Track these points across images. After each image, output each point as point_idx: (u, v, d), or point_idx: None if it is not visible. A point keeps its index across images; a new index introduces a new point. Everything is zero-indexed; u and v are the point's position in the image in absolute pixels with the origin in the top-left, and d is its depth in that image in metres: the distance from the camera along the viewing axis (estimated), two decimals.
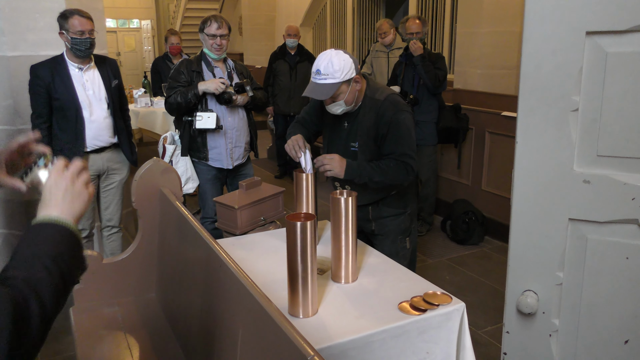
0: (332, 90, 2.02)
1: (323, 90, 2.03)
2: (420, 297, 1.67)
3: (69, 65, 2.85)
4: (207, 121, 3.03)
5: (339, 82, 2.01)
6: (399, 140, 2.12)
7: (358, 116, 2.17)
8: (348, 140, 2.21)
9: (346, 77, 2.01)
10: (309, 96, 2.07)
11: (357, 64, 2.09)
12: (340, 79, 2.00)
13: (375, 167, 2.10)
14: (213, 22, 3.06)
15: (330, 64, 2.00)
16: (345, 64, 2.01)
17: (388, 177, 2.11)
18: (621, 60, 1.46)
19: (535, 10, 1.53)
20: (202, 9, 12.35)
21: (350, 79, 2.04)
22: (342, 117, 2.20)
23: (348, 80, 2.04)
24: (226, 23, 3.11)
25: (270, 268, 1.89)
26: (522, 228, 1.68)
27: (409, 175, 2.14)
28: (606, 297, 1.62)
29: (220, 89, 2.97)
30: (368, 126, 2.14)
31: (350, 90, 2.07)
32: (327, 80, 2.01)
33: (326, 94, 2.03)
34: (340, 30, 8.50)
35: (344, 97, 2.07)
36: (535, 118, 1.59)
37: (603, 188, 1.54)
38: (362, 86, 2.14)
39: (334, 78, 2.00)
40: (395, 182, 2.16)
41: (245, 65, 3.46)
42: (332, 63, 2.00)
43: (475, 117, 4.27)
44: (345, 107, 2.11)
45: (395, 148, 2.12)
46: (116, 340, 1.97)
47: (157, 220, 2.25)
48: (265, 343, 1.20)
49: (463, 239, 4.07)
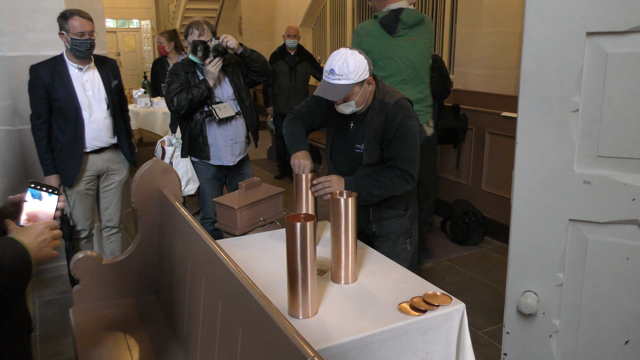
0: (345, 92, 1.98)
1: (336, 90, 1.99)
2: (420, 298, 1.66)
3: (68, 66, 2.85)
4: (225, 110, 3.01)
5: (353, 83, 1.97)
6: (404, 147, 2.10)
7: (366, 118, 2.15)
8: (354, 142, 2.19)
9: (360, 78, 1.98)
10: (321, 96, 2.03)
11: (371, 65, 2.06)
12: (354, 80, 1.97)
13: (374, 180, 2.08)
14: (194, 29, 3.04)
15: (345, 64, 1.95)
16: (360, 65, 1.97)
17: (387, 189, 2.10)
18: (621, 60, 1.46)
19: (536, 10, 1.53)
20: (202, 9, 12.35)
21: (363, 80, 2.01)
22: (349, 117, 2.18)
23: (361, 82, 2.00)
24: (209, 27, 3.07)
25: (270, 269, 1.89)
26: (522, 229, 1.68)
27: (409, 185, 2.13)
28: (606, 297, 1.62)
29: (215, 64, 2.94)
30: (375, 128, 2.13)
31: (362, 91, 2.04)
32: (340, 81, 1.97)
33: (339, 95, 1.99)
34: (340, 30, 8.49)
35: (356, 97, 2.03)
36: (535, 118, 1.59)
37: (603, 189, 1.54)
38: (374, 87, 2.11)
39: (349, 79, 1.96)
40: (395, 193, 2.15)
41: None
42: (347, 64, 1.95)
43: (475, 118, 4.27)
44: (356, 108, 2.09)
45: (399, 153, 2.10)
46: (116, 341, 1.97)
47: (157, 221, 2.25)
48: (265, 344, 1.19)
49: (463, 239, 4.07)
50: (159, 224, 2.25)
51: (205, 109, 3.01)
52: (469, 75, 5.18)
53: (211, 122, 3.07)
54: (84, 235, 3.10)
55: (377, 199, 2.16)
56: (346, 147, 2.22)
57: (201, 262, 1.70)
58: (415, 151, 2.13)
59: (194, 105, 2.97)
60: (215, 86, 3.03)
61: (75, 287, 2.19)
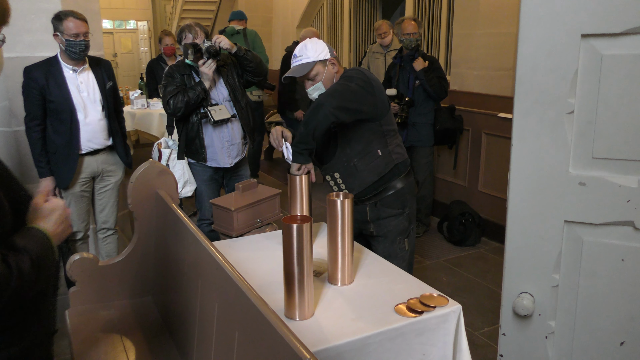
0: (307, 68, 2.17)
1: (299, 69, 2.19)
2: (417, 299, 1.67)
3: (63, 67, 2.84)
4: (221, 112, 3.03)
5: (314, 60, 2.17)
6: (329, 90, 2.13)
7: None
8: None
9: (320, 57, 2.18)
10: (288, 75, 2.20)
11: (333, 51, 2.26)
12: (314, 58, 2.17)
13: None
14: (187, 33, 3.04)
15: (304, 46, 2.20)
16: (318, 46, 2.20)
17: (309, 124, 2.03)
18: (616, 62, 1.47)
19: (531, 12, 1.53)
20: (199, 10, 12.33)
21: (325, 59, 2.20)
22: None
23: (323, 61, 2.19)
24: (201, 29, 3.06)
25: (266, 270, 1.89)
26: (518, 230, 1.68)
27: (319, 115, 2.02)
28: (602, 298, 1.62)
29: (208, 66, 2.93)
30: None
31: (326, 71, 2.21)
32: (302, 61, 2.19)
33: (302, 71, 2.18)
34: (337, 31, 8.50)
35: (321, 78, 2.20)
36: (530, 120, 1.59)
37: (598, 190, 1.54)
38: (340, 70, 2.26)
39: (308, 57, 2.18)
40: (315, 126, 2.03)
41: None
42: (305, 46, 2.20)
43: (472, 119, 4.28)
44: (324, 89, 2.20)
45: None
46: (112, 343, 1.96)
47: (153, 222, 2.25)
48: (261, 345, 1.19)
49: (460, 240, 4.08)
50: (155, 226, 2.24)
51: (200, 111, 3.01)
52: (466, 76, 5.19)
53: (207, 124, 3.06)
54: (80, 237, 3.09)
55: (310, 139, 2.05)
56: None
57: (197, 263, 1.69)
58: (339, 87, 2.11)
59: (190, 107, 2.97)
60: (210, 88, 3.02)
61: (71, 289, 2.19)
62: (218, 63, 2.99)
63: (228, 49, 2.99)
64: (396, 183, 2.29)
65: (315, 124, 2.03)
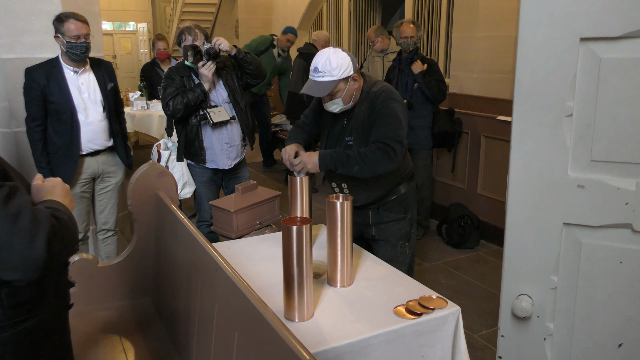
0: (329, 88, 2.03)
1: (321, 87, 2.04)
2: (416, 301, 1.67)
3: (64, 68, 2.85)
4: (220, 114, 3.02)
5: (337, 79, 2.03)
6: (385, 126, 2.07)
7: (354, 110, 2.17)
8: (344, 135, 2.20)
9: (344, 74, 2.03)
10: (307, 93, 2.07)
11: (356, 62, 2.10)
12: (337, 77, 2.02)
13: (353, 153, 2.05)
14: (187, 35, 3.04)
15: (328, 61, 2.02)
16: (343, 61, 2.03)
17: (368, 163, 2.03)
18: (615, 66, 1.47)
19: (530, 15, 1.54)
20: (199, 12, 12.34)
21: (348, 76, 2.05)
22: (341, 115, 2.21)
23: (346, 78, 2.05)
24: (201, 31, 3.06)
25: (266, 272, 1.89)
26: (517, 232, 1.69)
27: (392, 162, 2.05)
28: (600, 301, 1.63)
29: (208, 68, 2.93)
30: (362, 118, 2.14)
31: (348, 88, 2.08)
32: (324, 78, 2.03)
33: (324, 91, 2.04)
34: (336, 33, 8.51)
35: (342, 95, 2.08)
36: (529, 123, 1.60)
37: (597, 193, 1.55)
38: (360, 84, 2.14)
39: (332, 75, 2.02)
40: (378, 170, 2.07)
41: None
42: (330, 61, 2.01)
43: (471, 122, 4.28)
44: (343, 105, 2.12)
45: (380, 133, 2.07)
46: (112, 344, 1.97)
47: (153, 224, 2.25)
48: (261, 347, 1.20)
49: (459, 242, 4.08)
50: (155, 227, 2.25)
51: (200, 113, 3.01)
52: (465, 79, 5.20)
53: (206, 126, 3.07)
54: (79, 238, 3.09)
55: (360, 176, 2.10)
56: (338, 142, 2.23)
57: (197, 265, 1.70)
58: (400, 131, 2.08)
59: (190, 109, 2.97)
60: (210, 90, 3.03)
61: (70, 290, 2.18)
62: (217, 65, 3.00)
63: (227, 51, 2.99)
64: (400, 188, 2.29)
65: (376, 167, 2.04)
